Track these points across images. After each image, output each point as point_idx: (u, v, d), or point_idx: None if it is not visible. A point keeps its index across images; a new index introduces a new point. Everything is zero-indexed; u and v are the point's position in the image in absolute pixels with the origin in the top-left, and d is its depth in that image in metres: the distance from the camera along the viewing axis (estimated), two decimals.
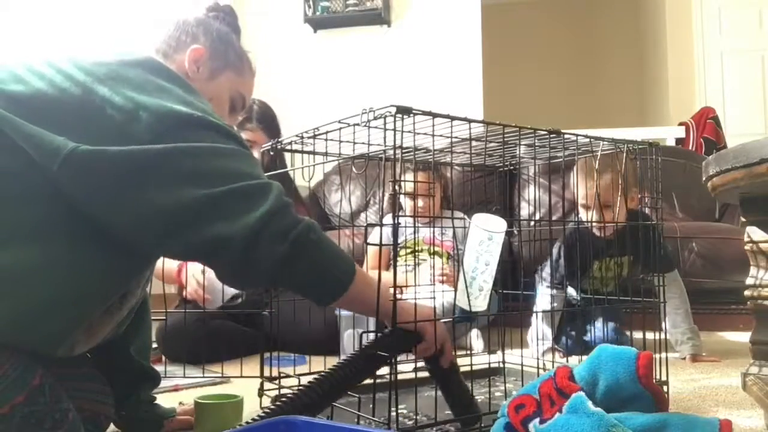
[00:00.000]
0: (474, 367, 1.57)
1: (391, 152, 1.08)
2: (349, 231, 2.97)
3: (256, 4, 4.31)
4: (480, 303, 1.15)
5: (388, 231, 2.56)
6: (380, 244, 2.09)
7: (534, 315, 2.14)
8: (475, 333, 2.36)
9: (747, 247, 1.43)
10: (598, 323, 2.20)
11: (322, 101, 4.08)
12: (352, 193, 3.46)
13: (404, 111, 1.07)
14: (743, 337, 1.80)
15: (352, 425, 0.92)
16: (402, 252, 2.67)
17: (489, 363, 1.63)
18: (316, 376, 1.02)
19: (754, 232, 1.40)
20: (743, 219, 1.44)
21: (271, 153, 1.52)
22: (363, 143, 1.29)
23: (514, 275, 2.83)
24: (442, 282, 2.45)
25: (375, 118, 1.10)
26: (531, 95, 6.34)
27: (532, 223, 2.95)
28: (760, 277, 1.40)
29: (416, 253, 2.61)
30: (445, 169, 2.84)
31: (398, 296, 1.07)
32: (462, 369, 1.48)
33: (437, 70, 4.08)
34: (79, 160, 0.84)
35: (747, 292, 1.43)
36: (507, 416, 0.98)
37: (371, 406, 1.19)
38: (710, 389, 1.64)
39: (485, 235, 1.12)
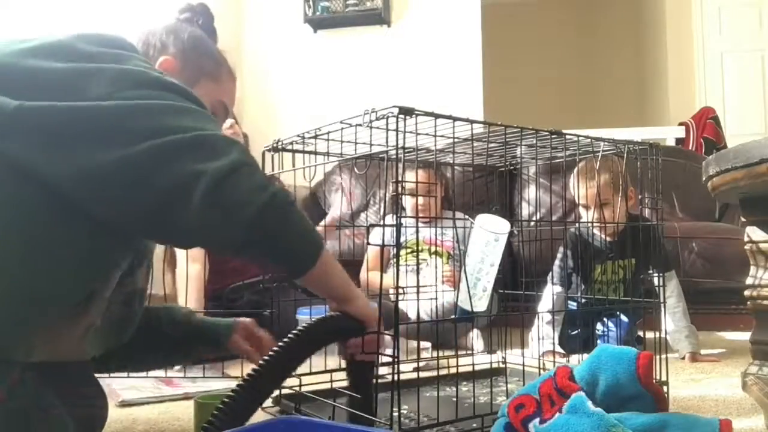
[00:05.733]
0: (475, 368, 1.57)
1: (393, 152, 1.08)
2: (349, 231, 2.97)
3: (256, 4, 4.31)
4: (482, 303, 1.15)
5: (388, 231, 2.56)
6: (382, 245, 2.09)
7: (537, 315, 2.15)
8: (475, 333, 2.36)
9: (747, 247, 1.43)
10: (611, 322, 2.20)
11: (322, 101, 4.08)
12: (351, 193, 3.46)
13: (406, 112, 1.07)
14: (743, 337, 1.80)
15: (353, 425, 0.92)
16: (402, 252, 2.68)
17: (491, 363, 1.63)
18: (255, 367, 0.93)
19: (754, 232, 1.41)
20: (743, 219, 1.44)
21: (273, 153, 1.52)
22: (364, 143, 1.28)
23: (514, 275, 2.83)
24: (443, 282, 2.45)
25: (377, 119, 1.10)
26: (531, 95, 6.34)
27: (532, 223, 2.95)
28: (759, 277, 1.40)
29: (417, 254, 2.61)
30: (446, 170, 2.84)
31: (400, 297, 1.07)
32: (463, 369, 1.49)
33: (437, 70, 4.08)
34: (27, 116, 0.80)
35: (747, 292, 1.43)
36: (507, 416, 0.98)
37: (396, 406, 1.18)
38: (710, 389, 1.64)
39: (491, 237, 1.12)
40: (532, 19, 6.63)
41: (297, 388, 1.35)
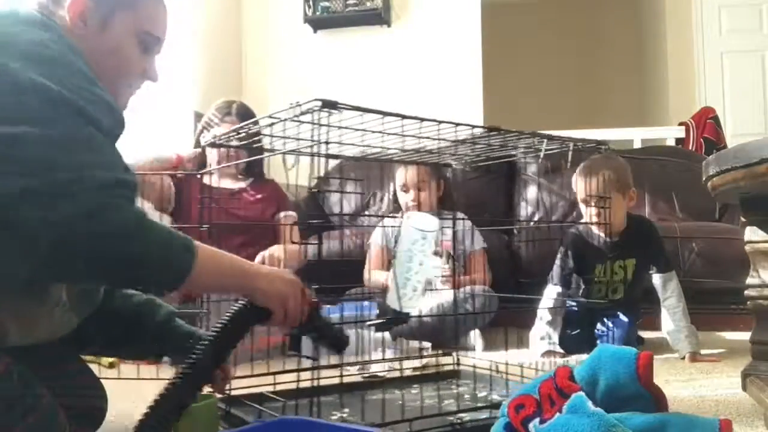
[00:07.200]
0: (429, 370, 1.57)
1: (319, 147, 1.03)
2: (349, 231, 2.97)
3: (256, 4, 4.31)
4: (414, 303, 1.12)
5: (385, 231, 2.56)
6: (373, 242, 2.08)
7: (538, 315, 2.15)
8: (475, 333, 2.36)
9: (747, 247, 1.43)
10: (610, 321, 2.20)
11: None
12: (352, 193, 3.45)
13: (330, 105, 1.03)
14: (743, 337, 1.80)
15: (352, 425, 0.92)
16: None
17: (437, 365, 1.61)
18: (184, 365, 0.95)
19: (754, 232, 1.41)
20: (743, 219, 1.44)
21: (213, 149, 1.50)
22: (300, 139, 1.23)
23: (515, 276, 2.83)
24: (442, 282, 2.45)
25: (302, 113, 1.07)
26: (531, 95, 6.33)
27: (532, 222, 2.95)
28: (760, 277, 1.40)
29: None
30: (445, 169, 2.84)
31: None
32: (425, 372, 1.49)
33: (437, 70, 4.07)
34: None
35: (747, 292, 1.44)
36: (507, 416, 0.98)
37: (315, 409, 1.15)
38: (710, 389, 1.64)
39: (419, 235, 1.09)
40: (532, 19, 6.63)
41: (228, 392, 1.31)
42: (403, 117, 1.13)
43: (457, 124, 1.21)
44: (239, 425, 1.14)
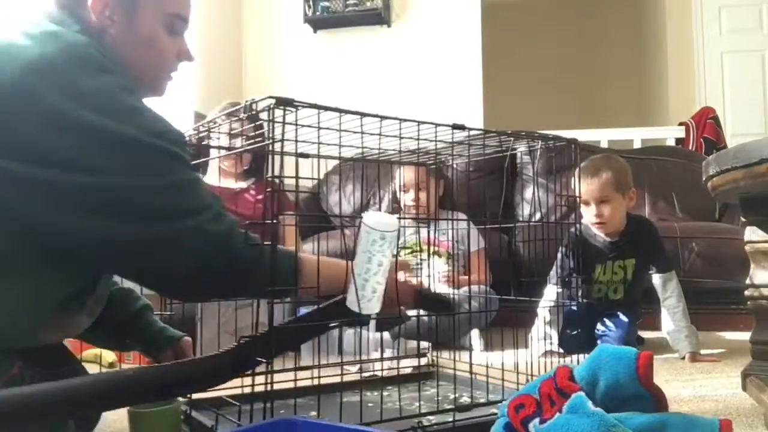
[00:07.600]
0: (402, 371, 1.56)
1: (275, 145, 1.01)
2: (349, 231, 2.97)
3: (256, 4, 4.31)
4: (373, 305, 1.09)
5: None
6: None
7: (538, 315, 2.15)
8: (475, 333, 2.36)
9: (747, 247, 1.43)
10: (610, 321, 2.20)
11: (322, 101, 4.06)
12: (351, 193, 3.46)
13: (284, 103, 1.02)
14: (743, 337, 1.80)
15: (352, 425, 0.92)
16: (401, 253, 2.67)
17: (398, 367, 1.60)
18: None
19: (754, 232, 1.41)
20: (743, 219, 1.44)
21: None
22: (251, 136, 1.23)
23: (515, 276, 2.83)
24: (442, 282, 2.45)
25: (257, 111, 1.05)
26: (531, 95, 6.33)
27: (532, 222, 2.94)
28: (760, 277, 1.40)
29: (416, 253, 2.61)
30: (446, 170, 2.84)
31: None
32: (391, 374, 1.51)
33: (437, 70, 4.08)
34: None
35: (747, 292, 1.44)
36: (507, 416, 0.98)
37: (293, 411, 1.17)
38: (710, 389, 1.64)
39: (377, 235, 1.07)
40: (532, 19, 6.63)
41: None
42: (363, 115, 1.11)
43: (420, 122, 1.19)
44: (199, 429, 1.14)
